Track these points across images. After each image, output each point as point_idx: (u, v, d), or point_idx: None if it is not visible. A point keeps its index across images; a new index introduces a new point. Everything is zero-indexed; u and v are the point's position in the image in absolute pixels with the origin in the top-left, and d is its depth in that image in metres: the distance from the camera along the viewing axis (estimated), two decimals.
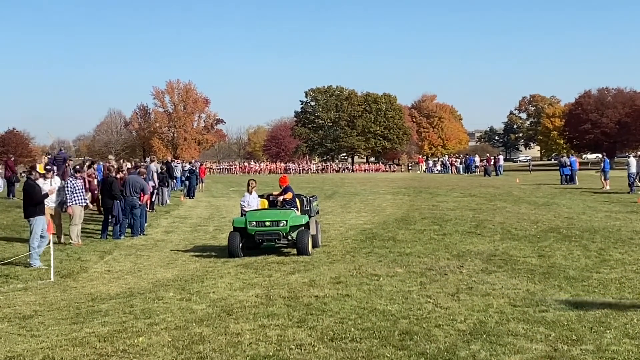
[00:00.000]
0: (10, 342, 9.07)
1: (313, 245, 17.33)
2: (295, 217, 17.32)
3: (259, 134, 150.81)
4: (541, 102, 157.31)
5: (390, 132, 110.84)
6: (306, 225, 17.44)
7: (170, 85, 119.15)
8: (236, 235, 17.04)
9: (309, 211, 18.37)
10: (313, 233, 17.52)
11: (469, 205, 28.25)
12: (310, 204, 18.70)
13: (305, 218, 17.61)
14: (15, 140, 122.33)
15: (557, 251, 16.37)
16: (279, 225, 16.79)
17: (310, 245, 16.78)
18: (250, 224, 16.90)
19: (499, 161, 65.91)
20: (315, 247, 17.50)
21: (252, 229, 16.86)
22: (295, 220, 17.13)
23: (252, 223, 16.91)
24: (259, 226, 16.87)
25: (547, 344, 8.50)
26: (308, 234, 16.94)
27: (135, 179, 22.29)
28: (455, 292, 11.74)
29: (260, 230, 16.83)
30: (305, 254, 16.40)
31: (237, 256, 16.68)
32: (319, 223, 18.83)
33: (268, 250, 17.32)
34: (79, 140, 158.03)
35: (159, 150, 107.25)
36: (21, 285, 14.45)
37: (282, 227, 16.77)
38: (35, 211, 16.82)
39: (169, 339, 8.92)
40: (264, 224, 16.88)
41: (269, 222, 16.89)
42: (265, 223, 16.89)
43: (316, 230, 17.94)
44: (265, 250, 17.33)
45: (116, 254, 18.46)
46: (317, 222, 18.58)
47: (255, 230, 16.83)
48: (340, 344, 8.51)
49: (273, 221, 16.87)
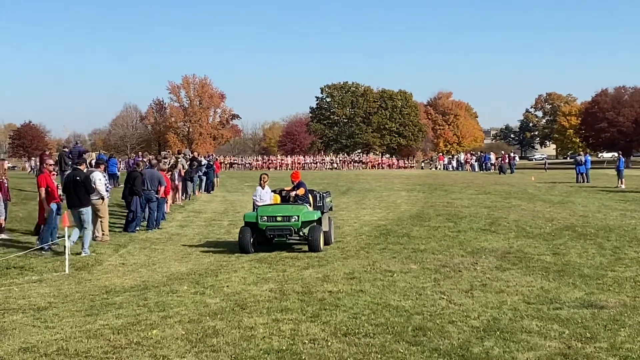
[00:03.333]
0: (25, 334, 9.11)
1: (325, 242, 17.17)
2: (308, 212, 17.04)
3: (274, 130, 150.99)
4: (557, 100, 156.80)
5: (406, 129, 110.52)
6: (318, 221, 17.17)
7: (186, 80, 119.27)
8: (247, 230, 16.88)
9: (321, 207, 18.11)
10: (325, 229, 17.33)
11: (483, 202, 28.15)
12: (323, 199, 18.44)
13: (318, 214, 17.33)
14: (31, 133, 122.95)
15: (572, 249, 16.31)
16: (291, 220, 16.56)
17: (322, 241, 16.56)
18: (262, 219, 16.70)
19: (513, 159, 65.74)
20: (327, 244, 17.33)
21: (263, 224, 16.66)
22: (307, 215, 16.86)
23: (263, 218, 16.71)
24: (270, 221, 16.66)
25: (561, 341, 8.49)
26: (320, 230, 16.71)
27: (152, 172, 22.37)
28: (469, 289, 11.73)
29: (271, 225, 16.62)
30: (316, 250, 16.22)
31: (248, 252, 16.54)
32: (332, 219, 18.61)
33: (279, 245, 17.13)
34: (94, 134, 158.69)
35: (174, 145, 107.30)
36: (36, 277, 14.51)
37: (293, 223, 16.54)
38: (89, 201, 17.62)
39: (183, 332, 8.94)
40: (276, 219, 16.68)
41: (281, 217, 16.69)
42: (277, 218, 16.69)
43: (329, 227, 17.72)
44: (276, 245, 17.15)
45: (131, 247, 18.52)
46: (330, 219, 18.38)
47: (267, 226, 16.62)
48: (353, 339, 8.51)
49: (285, 216, 16.68)
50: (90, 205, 17.69)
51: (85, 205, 17.41)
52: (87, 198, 17.63)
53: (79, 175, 17.67)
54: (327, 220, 17.88)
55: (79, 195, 17.37)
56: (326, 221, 17.72)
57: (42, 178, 17.47)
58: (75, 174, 17.82)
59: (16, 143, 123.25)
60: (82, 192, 17.44)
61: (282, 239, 16.86)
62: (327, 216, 18.08)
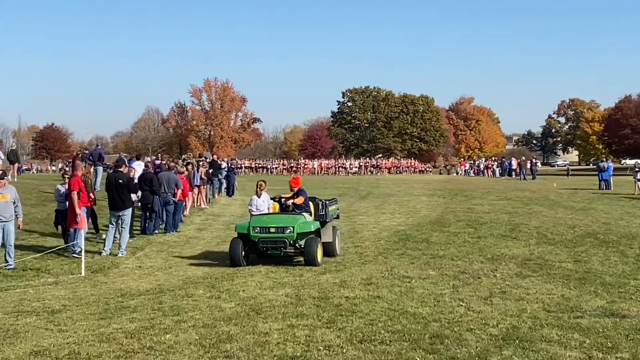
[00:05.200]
0: (37, 336, 9.05)
1: (330, 254, 16.29)
2: (304, 223, 15.73)
3: (295, 134, 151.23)
4: (580, 106, 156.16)
5: (427, 134, 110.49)
6: (316, 232, 16.05)
7: (208, 84, 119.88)
8: (238, 242, 15.61)
9: (323, 216, 16.74)
10: (328, 240, 16.35)
11: (504, 208, 27.94)
12: (325, 208, 16.90)
13: (316, 224, 16.04)
14: (54, 135, 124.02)
15: (594, 257, 16.12)
16: (285, 232, 15.31)
17: (319, 254, 15.31)
18: (254, 230, 15.46)
19: (535, 165, 65.50)
20: (332, 256, 16.30)
21: (255, 235, 15.44)
22: (303, 226, 15.56)
23: (255, 229, 15.47)
24: (263, 233, 15.44)
25: (582, 351, 8.32)
26: (317, 242, 15.43)
27: (169, 175, 22.34)
28: (488, 296, 11.57)
29: (264, 237, 15.40)
30: (312, 265, 14.94)
31: (239, 265, 15.28)
32: (337, 229, 17.48)
33: (275, 258, 15.97)
34: (116, 137, 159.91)
35: (196, 148, 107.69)
36: (52, 279, 14.51)
37: (288, 235, 15.28)
38: (131, 203, 18.20)
39: (196, 336, 8.84)
40: (269, 230, 15.43)
41: (274, 228, 15.42)
42: (270, 229, 15.43)
43: (333, 238, 16.60)
44: (272, 258, 15.99)
45: (148, 250, 18.49)
46: (336, 228, 17.28)
47: (259, 237, 15.41)
48: (369, 346, 8.38)
49: (279, 227, 15.40)
50: (131, 207, 18.15)
51: (127, 207, 17.84)
52: (130, 200, 18.14)
53: (122, 178, 18.05)
54: (331, 230, 16.76)
55: (122, 197, 17.75)
56: (329, 231, 16.65)
57: (75, 181, 17.32)
58: (117, 176, 18.17)
59: (39, 145, 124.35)
60: (125, 194, 17.83)
61: (276, 252, 15.67)
62: (330, 226, 16.89)
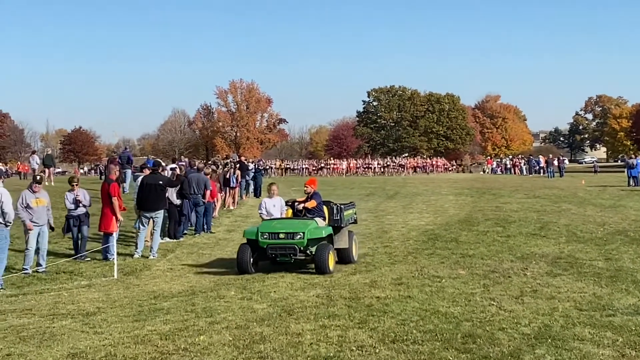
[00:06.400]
0: (74, 339, 9.15)
1: (346, 261, 15.64)
2: (315, 228, 14.95)
3: (321, 134, 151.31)
4: (608, 102, 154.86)
5: (453, 133, 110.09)
6: (328, 238, 15.28)
7: (234, 85, 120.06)
8: (246, 248, 14.97)
9: (338, 221, 15.95)
10: (344, 246, 15.69)
11: (533, 206, 27.84)
12: (340, 212, 16.03)
13: (328, 230, 15.26)
14: (82, 138, 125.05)
15: (625, 254, 16.02)
16: (295, 237, 14.56)
17: (331, 261, 14.53)
18: (262, 236, 14.74)
19: (562, 162, 65.17)
20: (349, 263, 15.62)
21: (264, 241, 14.71)
22: (314, 232, 14.79)
23: (264, 235, 14.75)
24: (272, 239, 14.71)
25: (615, 349, 8.29)
26: (329, 248, 14.61)
27: (199, 176, 22.46)
28: (519, 295, 11.55)
29: (273, 243, 14.66)
30: (323, 273, 14.15)
31: (247, 272, 14.66)
32: (354, 234, 16.47)
33: (285, 265, 15.25)
34: (143, 139, 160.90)
35: (222, 150, 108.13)
36: (85, 282, 14.68)
37: (298, 240, 14.54)
38: (165, 204, 18.67)
39: (230, 338, 8.91)
40: (278, 236, 14.69)
41: (284, 234, 14.69)
42: (279, 235, 14.70)
43: (349, 244, 15.81)
44: (282, 265, 15.30)
45: (178, 252, 18.61)
46: (352, 233, 16.33)
47: (268, 244, 14.68)
48: (401, 346, 8.41)
49: (288, 233, 14.67)
50: (164, 209, 18.47)
51: (160, 209, 18.12)
52: (165, 202, 18.47)
53: (162, 179, 18.35)
54: (347, 236, 15.97)
55: (158, 198, 18.01)
56: (345, 237, 15.91)
57: (114, 187, 17.44)
58: (156, 177, 18.35)
59: (67, 148, 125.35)
60: (161, 196, 18.14)
61: (285, 259, 14.90)
62: (345, 231, 16.10)
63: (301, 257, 14.84)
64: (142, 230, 18.01)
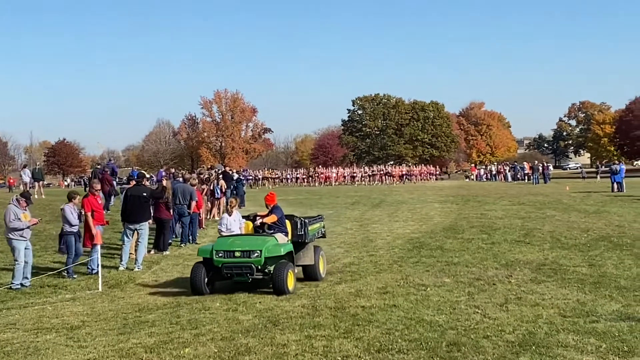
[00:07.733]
0: (58, 353, 9.14)
1: (312, 278, 14.86)
2: (274, 245, 13.95)
3: (306, 143, 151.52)
4: (591, 108, 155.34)
5: (438, 140, 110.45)
6: (288, 256, 14.29)
7: (218, 95, 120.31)
8: (200, 268, 13.96)
9: (302, 236, 15.01)
10: (310, 263, 14.91)
11: (517, 213, 27.93)
12: (305, 227, 15.06)
13: (287, 247, 14.25)
14: (66, 150, 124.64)
15: (608, 260, 16.10)
16: (251, 256, 13.57)
17: (290, 281, 13.50)
18: (217, 255, 13.75)
19: (547, 168, 65.45)
20: (314, 280, 14.77)
21: (218, 260, 13.71)
22: (272, 250, 13.80)
23: (219, 253, 13.76)
24: (227, 257, 13.71)
25: (598, 355, 8.36)
26: (288, 267, 13.55)
27: (184, 187, 22.40)
28: (503, 303, 11.60)
29: (228, 262, 13.67)
30: (281, 294, 13.13)
31: (201, 293, 13.66)
32: (321, 249, 15.56)
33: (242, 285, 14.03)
34: (128, 150, 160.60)
35: (207, 160, 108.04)
36: (69, 295, 14.62)
37: (254, 259, 13.54)
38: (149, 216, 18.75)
39: (215, 349, 8.92)
40: (233, 255, 13.69)
41: (240, 252, 13.67)
42: (235, 253, 13.69)
43: (315, 259, 14.94)
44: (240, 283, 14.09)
45: (163, 264, 18.52)
46: (319, 249, 15.43)
47: (223, 262, 13.69)
48: (387, 355, 8.44)
49: (244, 251, 13.65)
50: (148, 221, 18.51)
51: (145, 221, 18.19)
52: (149, 214, 18.51)
53: (145, 191, 18.45)
54: (312, 251, 15.07)
55: (142, 210, 18.13)
56: (310, 253, 15.02)
57: (87, 202, 17.26)
58: (140, 189, 18.53)
59: (51, 160, 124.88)
60: (145, 208, 18.22)
61: (242, 278, 13.82)
62: (311, 247, 15.18)
63: (259, 277, 13.81)
64: (127, 242, 17.97)
